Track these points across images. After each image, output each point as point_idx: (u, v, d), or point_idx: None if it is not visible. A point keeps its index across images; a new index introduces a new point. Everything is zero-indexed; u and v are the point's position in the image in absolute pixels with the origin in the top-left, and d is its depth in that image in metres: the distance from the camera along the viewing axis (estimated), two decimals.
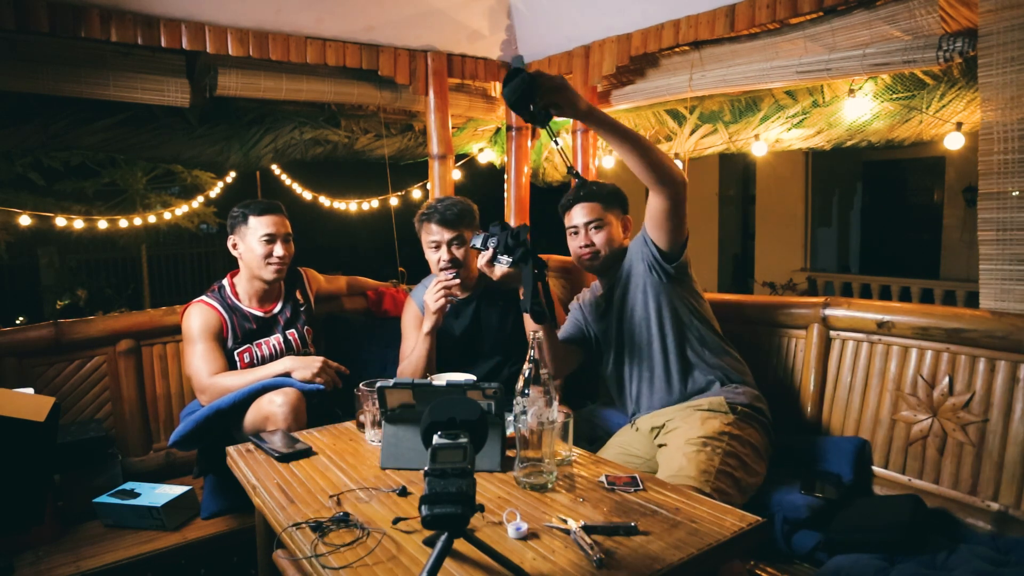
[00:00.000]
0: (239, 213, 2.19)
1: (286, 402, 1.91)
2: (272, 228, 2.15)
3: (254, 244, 2.15)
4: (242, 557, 2.00)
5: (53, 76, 2.29)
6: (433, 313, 2.13)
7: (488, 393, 1.48)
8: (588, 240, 2.00)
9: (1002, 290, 1.77)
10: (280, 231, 2.17)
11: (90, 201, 6.30)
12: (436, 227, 2.20)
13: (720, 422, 1.75)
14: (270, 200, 2.25)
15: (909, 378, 1.88)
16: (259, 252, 2.15)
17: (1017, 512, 1.63)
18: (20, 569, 1.76)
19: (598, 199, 2.01)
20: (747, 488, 1.67)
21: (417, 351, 2.19)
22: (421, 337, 2.17)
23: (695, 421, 1.77)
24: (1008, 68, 1.70)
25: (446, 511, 1.03)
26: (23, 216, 4.03)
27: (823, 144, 2.86)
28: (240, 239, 2.18)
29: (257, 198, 2.33)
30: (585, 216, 2.01)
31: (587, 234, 2.01)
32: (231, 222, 2.21)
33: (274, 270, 2.17)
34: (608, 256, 2.00)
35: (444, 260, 2.20)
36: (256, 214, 2.16)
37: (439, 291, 2.11)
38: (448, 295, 2.12)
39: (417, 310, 2.32)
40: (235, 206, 2.22)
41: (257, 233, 2.15)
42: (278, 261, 2.16)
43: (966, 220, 7.21)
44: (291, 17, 2.45)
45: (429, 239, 2.23)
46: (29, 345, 2.22)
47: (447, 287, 2.11)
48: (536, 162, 3.74)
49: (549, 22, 2.83)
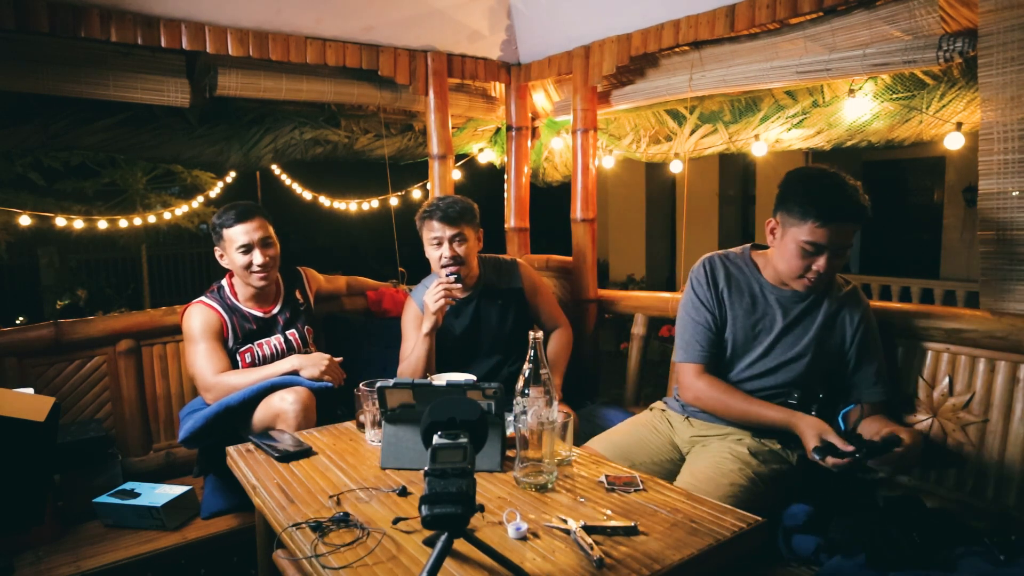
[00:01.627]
0: (216, 225, 2.16)
1: (297, 400, 1.92)
2: (246, 238, 2.12)
3: (234, 256, 2.14)
4: (242, 557, 2.00)
5: (53, 76, 2.28)
6: (433, 314, 2.13)
7: (488, 393, 1.48)
8: (826, 265, 1.71)
9: (1002, 290, 1.77)
10: (256, 238, 2.13)
11: (90, 201, 6.29)
12: (438, 224, 2.20)
13: (780, 467, 1.75)
14: (243, 204, 2.19)
15: (909, 378, 1.88)
16: (240, 263, 2.13)
17: (1017, 512, 1.63)
18: (20, 569, 1.76)
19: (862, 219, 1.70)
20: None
21: (417, 351, 2.19)
22: (420, 338, 2.17)
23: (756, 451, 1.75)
24: (1008, 68, 1.70)
25: (446, 511, 1.03)
26: (23, 216, 4.03)
27: (823, 144, 2.86)
28: (223, 251, 2.18)
29: (245, 200, 2.29)
30: (844, 240, 1.69)
31: (829, 259, 1.71)
32: (212, 235, 2.19)
33: (259, 277, 2.15)
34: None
35: (446, 257, 2.20)
36: (229, 225, 2.13)
37: (439, 292, 2.11)
38: (448, 296, 2.12)
39: (417, 310, 2.32)
40: (214, 216, 2.19)
41: (234, 245, 2.13)
42: (260, 268, 2.14)
43: (966, 220, 7.21)
44: (291, 17, 2.45)
45: (431, 236, 2.23)
46: (29, 345, 2.22)
47: (448, 289, 2.11)
48: (536, 162, 3.74)
49: (549, 22, 2.83)
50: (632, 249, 9.52)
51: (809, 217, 1.64)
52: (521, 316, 2.38)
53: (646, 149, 3.50)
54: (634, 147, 3.53)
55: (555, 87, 3.28)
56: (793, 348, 1.79)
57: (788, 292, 1.81)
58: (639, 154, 3.59)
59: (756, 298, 1.84)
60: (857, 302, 1.80)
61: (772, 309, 1.82)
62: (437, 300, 2.11)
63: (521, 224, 3.24)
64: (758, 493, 1.65)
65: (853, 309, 1.78)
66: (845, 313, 1.78)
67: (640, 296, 2.91)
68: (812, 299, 1.80)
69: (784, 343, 1.80)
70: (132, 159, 5.82)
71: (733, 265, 1.90)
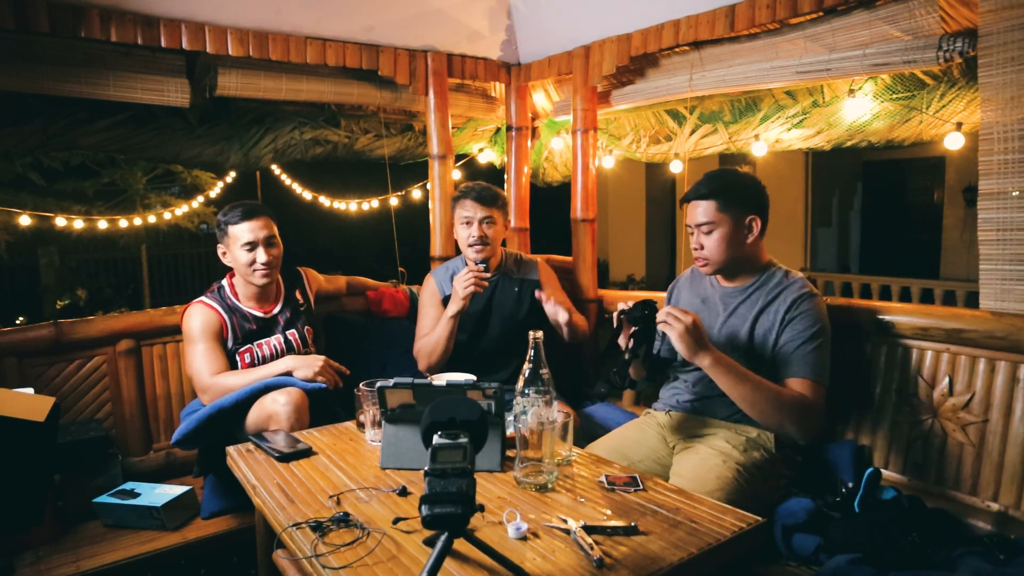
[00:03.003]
0: (221, 222, 2.17)
1: (289, 401, 1.91)
2: (251, 235, 2.12)
3: (238, 253, 2.14)
4: (242, 557, 2.00)
5: (53, 76, 2.28)
6: (461, 299, 2.21)
7: (488, 393, 1.49)
8: (699, 243, 1.87)
9: (1002, 290, 1.77)
10: (261, 236, 2.13)
11: (90, 201, 6.29)
12: (471, 203, 2.34)
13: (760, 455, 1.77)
14: (250, 203, 2.20)
15: (909, 378, 1.88)
16: (243, 261, 2.13)
17: (1017, 512, 1.63)
18: (20, 569, 1.76)
19: (713, 197, 1.83)
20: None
21: (440, 331, 2.27)
22: (445, 319, 2.26)
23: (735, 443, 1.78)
24: (1008, 68, 1.70)
25: (446, 511, 1.03)
26: (23, 216, 4.03)
27: (823, 144, 2.86)
28: (227, 248, 2.18)
29: (248, 199, 2.30)
30: (699, 216, 1.85)
31: (698, 236, 1.87)
32: (216, 232, 2.20)
33: (262, 275, 2.15)
34: (723, 262, 1.86)
35: (474, 236, 2.33)
36: (235, 223, 2.13)
37: (470, 279, 2.19)
38: (478, 283, 2.20)
39: (435, 288, 2.46)
40: (219, 213, 2.20)
41: (238, 242, 2.13)
42: (264, 266, 2.14)
43: (966, 220, 7.22)
44: (291, 17, 2.45)
45: (463, 214, 2.36)
46: (29, 345, 2.22)
47: (479, 278, 2.20)
48: (536, 162, 3.74)
49: (549, 22, 2.83)
50: (632, 249, 9.53)
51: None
52: (535, 307, 2.39)
53: (646, 149, 3.50)
54: (634, 147, 3.53)
55: (555, 87, 3.28)
56: (733, 340, 1.86)
57: (731, 288, 1.92)
58: (639, 154, 3.60)
59: (707, 299, 1.97)
60: (795, 290, 1.82)
61: (716, 306, 1.93)
62: (467, 287, 2.19)
63: (521, 224, 3.24)
64: (746, 483, 1.67)
65: (787, 296, 1.81)
66: (779, 301, 1.82)
67: (640, 296, 2.91)
68: (750, 292, 1.87)
69: (723, 335, 1.88)
70: (132, 159, 5.82)
71: (698, 272, 2.04)
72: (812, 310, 1.78)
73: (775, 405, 1.67)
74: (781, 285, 1.84)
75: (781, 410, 1.67)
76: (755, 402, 1.67)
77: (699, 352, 1.65)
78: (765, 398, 1.67)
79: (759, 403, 1.67)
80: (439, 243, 2.96)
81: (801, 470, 1.87)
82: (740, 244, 1.85)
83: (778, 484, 1.78)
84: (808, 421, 1.70)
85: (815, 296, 1.81)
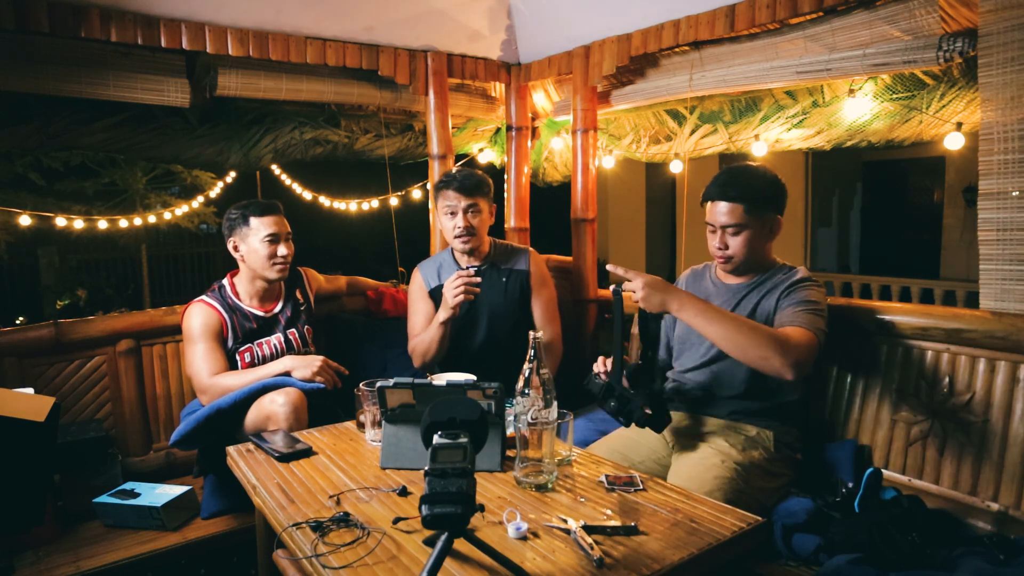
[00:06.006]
0: (238, 215, 2.19)
1: (287, 402, 1.91)
2: (275, 228, 2.16)
3: (257, 245, 2.15)
4: (242, 557, 2.00)
5: (53, 76, 2.28)
6: (451, 308, 2.10)
7: (488, 393, 1.48)
8: (723, 243, 1.86)
9: (1002, 290, 1.77)
10: (282, 231, 2.19)
11: (90, 201, 6.30)
12: (454, 193, 2.23)
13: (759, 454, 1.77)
14: (269, 200, 2.25)
15: (909, 378, 1.88)
16: (263, 253, 2.15)
17: (1017, 512, 1.63)
18: (20, 569, 1.77)
19: (741, 201, 1.81)
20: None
21: (431, 335, 2.21)
22: (435, 324, 2.19)
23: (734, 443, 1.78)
24: (1008, 68, 1.70)
25: (446, 511, 1.03)
26: (23, 216, 4.02)
27: (823, 144, 2.86)
28: (241, 240, 2.18)
29: (257, 198, 2.33)
30: (725, 218, 1.83)
31: (723, 237, 1.86)
32: (229, 224, 2.21)
33: (279, 269, 2.18)
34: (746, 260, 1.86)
35: (459, 227, 2.23)
36: (257, 215, 2.17)
37: (459, 287, 2.05)
38: (468, 291, 2.07)
39: (421, 282, 2.38)
40: (232, 207, 2.22)
41: (260, 234, 2.15)
42: (283, 260, 2.17)
43: (966, 220, 7.22)
44: (291, 17, 2.45)
45: (446, 204, 2.25)
46: (29, 345, 2.22)
47: (468, 284, 2.06)
48: (536, 162, 3.74)
49: (549, 22, 2.83)
50: (632, 249, 9.53)
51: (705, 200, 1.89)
52: (522, 298, 2.36)
53: (646, 149, 3.50)
54: (634, 147, 3.53)
55: (555, 87, 3.28)
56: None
57: (734, 284, 1.92)
58: (639, 154, 3.60)
59: (708, 297, 1.94)
60: (795, 277, 1.83)
61: (718, 302, 1.91)
62: (457, 295, 2.06)
63: (521, 224, 3.24)
64: (744, 483, 1.67)
65: (787, 281, 1.82)
66: (778, 288, 1.82)
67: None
68: (753, 287, 1.88)
69: None
70: (132, 159, 5.83)
71: (698, 273, 2.07)
72: (811, 289, 1.79)
73: (755, 338, 1.59)
74: (783, 277, 1.85)
75: (761, 342, 1.58)
76: (733, 336, 1.60)
77: (666, 300, 1.63)
78: (743, 330, 1.60)
79: (738, 336, 1.60)
80: (439, 243, 2.96)
81: (801, 470, 1.87)
82: (763, 243, 1.87)
83: (777, 483, 1.78)
84: (793, 352, 1.59)
85: (816, 282, 1.83)
